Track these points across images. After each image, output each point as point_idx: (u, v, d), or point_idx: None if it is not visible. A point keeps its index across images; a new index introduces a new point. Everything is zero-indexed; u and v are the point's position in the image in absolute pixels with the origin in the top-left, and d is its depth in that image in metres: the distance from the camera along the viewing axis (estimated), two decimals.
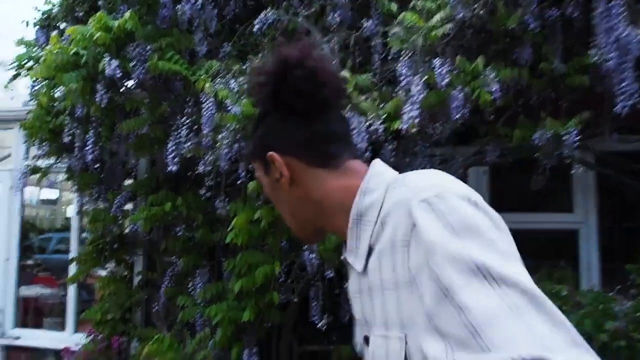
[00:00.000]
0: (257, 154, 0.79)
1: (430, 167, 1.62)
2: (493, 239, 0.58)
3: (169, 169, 2.75)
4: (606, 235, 3.16)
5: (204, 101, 2.61)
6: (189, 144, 2.64)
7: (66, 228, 6.73)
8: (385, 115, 2.28)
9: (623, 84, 2.23)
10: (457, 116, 2.28)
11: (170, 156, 2.75)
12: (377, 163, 0.77)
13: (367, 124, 2.26)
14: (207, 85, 2.57)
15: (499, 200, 2.97)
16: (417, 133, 2.31)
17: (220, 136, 2.50)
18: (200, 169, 2.57)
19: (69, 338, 4.08)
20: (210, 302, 2.97)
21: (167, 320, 3.32)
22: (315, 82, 0.74)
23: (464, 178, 2.72)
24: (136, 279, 3.60)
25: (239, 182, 2.54)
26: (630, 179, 2.81)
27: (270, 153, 0.76)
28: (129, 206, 3.41)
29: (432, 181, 0.65)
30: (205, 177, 2.60)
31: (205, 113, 2.59)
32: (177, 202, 2.94)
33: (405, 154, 2.57)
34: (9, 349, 4.29)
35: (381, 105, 2.32)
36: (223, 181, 2.71)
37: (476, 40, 2.50)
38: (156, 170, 3.25)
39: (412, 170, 0.74)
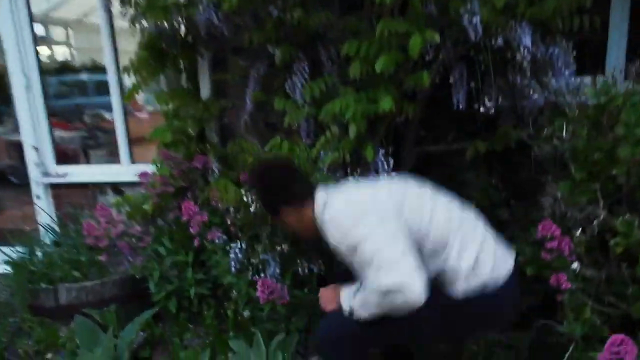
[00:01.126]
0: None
1: None
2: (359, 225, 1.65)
3: None
4: None
5: None
6: None
7: (67, 68, 5.95)
8: None
9: None
10: None
11: None
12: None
13: None
14: None
15: None
16: None
17: None
18: None
19: (127, 169, 3.64)
20: (316, 102, 2.45)
21: (256, 132, 2.84)
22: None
23: None
24: (204, 88, 3.01)
25: None
26: None
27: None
28: None
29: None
30: None
31: None
32: None
33: None
34: (58, 188, 3.87)
35: None
36: None
37: None
38: None
39: None
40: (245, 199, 2.51)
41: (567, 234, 1.90)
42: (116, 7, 2.97)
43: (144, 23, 2.67)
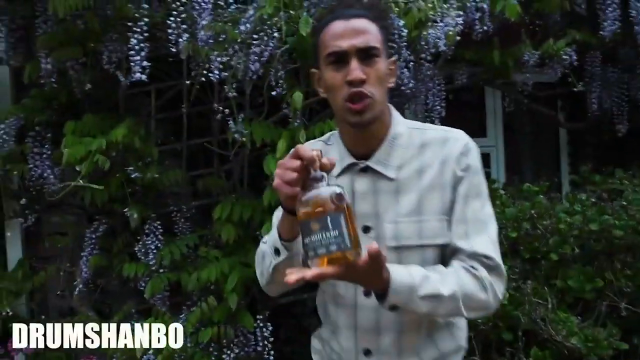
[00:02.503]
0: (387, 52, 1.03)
1: None
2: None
3: (135, 77, 1.83)
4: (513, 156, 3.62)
5: None
6: (182, 39, 1.80)
7: None
8: None
9: None
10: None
11: (137, 58, 1.83)
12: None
13: None
14: None
15: None
16: None
17: (243, 27, 1.78)
18: (214, 75, 1.79)
19: None
20: (173, 266, 2.21)
21: (90, 303, 2.33)
22: None
23: None
24: (13, 254, 2.38)
25: (273, 93, 1.88)
26: (539, 105, 3.24)
27: (394, 60, 1.07)
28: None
29: (462, 134, 1.05)
30: (226, 87, 1.83)
31: None
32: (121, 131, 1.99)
33: None
34: None
35: None
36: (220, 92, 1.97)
37: None
38: (69, 84, 2.12)
39: None
40: None
41: None
42: None
43: None
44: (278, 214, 0.99)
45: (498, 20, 2.29)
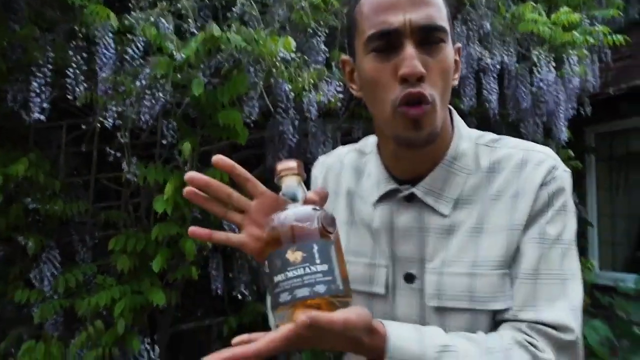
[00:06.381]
0: (452, 35, 0.73)
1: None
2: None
3: (34, 116, 2.01)
4: None
5: (99, 36, 2.02)
6: (80, 88, 2.00)
7: None
8: None
9: None
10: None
11: (37, 100, 2.01)
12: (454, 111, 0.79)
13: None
14: (109, 15, 1.99)
15: None
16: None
17: (138, 83, 2.00)
18: (108, 122, 2.00)
19: None
20: (69, 293, 2.35)
21: None
22: None
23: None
24: None
25: (164, 141, 2.10)
26: None
27: (460, 46, 0.77)
28: None
29: (550, 153, 0.75)
30: (119, 132, 2.03)
31: (103, 52, 2.02)
32: (22, 164, 2.14)
33: None
34: None
35: None
36: (123, 138, 2.17)
37: None
38: None
39: None
40: None
41: None
42: None
43: None
44: None
45: None
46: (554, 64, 2.97)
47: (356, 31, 0.71)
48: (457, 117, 0.78)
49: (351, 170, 0.83)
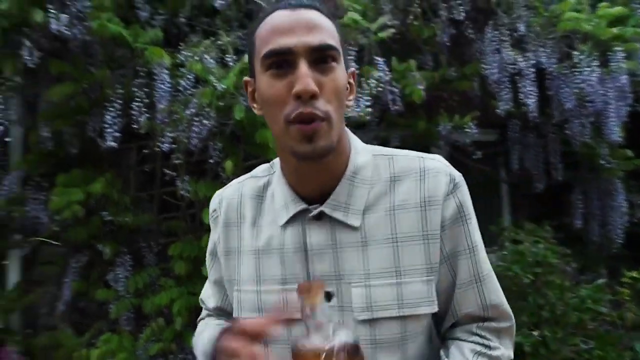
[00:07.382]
0: (346, 60, 0.80)
1: None
2: None
3: (107, 143, 2.41)
4: None
5: (157, 72, 2.39)
6: (142, 117, 2.38)
7: None
8: None
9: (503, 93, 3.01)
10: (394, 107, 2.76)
11: (109, 130, 2.41)
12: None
13: None
14: (164, 56, 2.35)
15: None
16: None
17: (188, 112, 2.34)
18: (165, 146, 2.36)
19: None
20: (138, 293, 2.72)
21: (70, 321, 2.85)
22: None
23: None
24: (11, 278, 2.93)
25: (210, 160, 2.43)
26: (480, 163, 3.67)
27: (354, 71, 0.83)
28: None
29: (442, 161, 0.82)
30: (174, 155, 2.39)
31: (159, 86, 2.38)
32: (100, 183, 2.56)
33: None
34: None
35: None
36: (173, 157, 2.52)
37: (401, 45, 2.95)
38: (61, 146, 2.71)
39: None
40: None
41: None
42: None
43: None
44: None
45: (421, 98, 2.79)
46: (597, 62, 2.88)
47: (255, 52, 0.76)
48: (351, 134, 0.84)
49: (250, 198, 0.85)
